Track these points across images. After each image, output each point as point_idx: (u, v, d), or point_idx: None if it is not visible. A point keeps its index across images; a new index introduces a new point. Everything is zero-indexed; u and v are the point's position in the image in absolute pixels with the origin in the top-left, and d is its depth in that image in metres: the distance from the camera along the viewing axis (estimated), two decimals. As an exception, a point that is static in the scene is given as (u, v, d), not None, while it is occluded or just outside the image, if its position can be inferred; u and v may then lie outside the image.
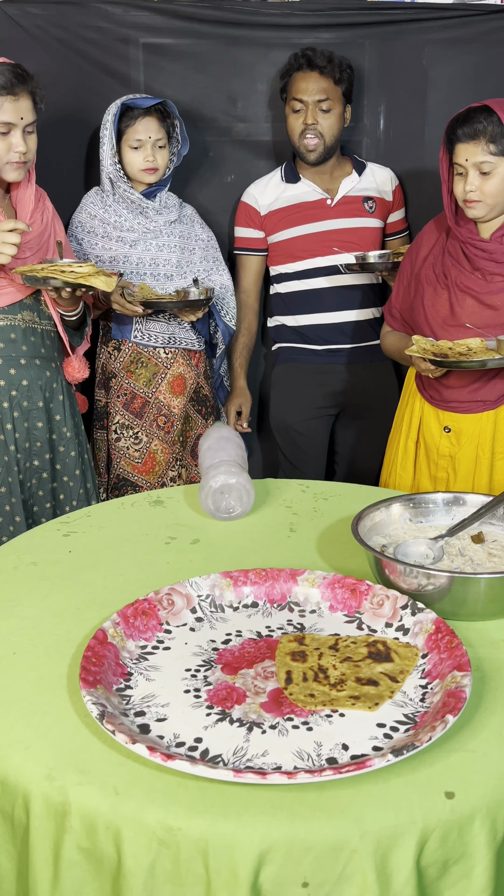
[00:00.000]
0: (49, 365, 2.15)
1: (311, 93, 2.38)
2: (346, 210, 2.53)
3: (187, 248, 2.46)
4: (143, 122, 2.29)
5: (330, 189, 2.53)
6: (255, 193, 2.56)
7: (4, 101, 1.91)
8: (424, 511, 1.52)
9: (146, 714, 1.05)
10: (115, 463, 2.46)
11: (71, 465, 2.23)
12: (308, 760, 0.97)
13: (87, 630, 1.24)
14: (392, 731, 1.02)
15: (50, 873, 0.94)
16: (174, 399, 2.45)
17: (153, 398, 2.44)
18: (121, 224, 2.39)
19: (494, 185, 1.85)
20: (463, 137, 1.83)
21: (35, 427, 2.13)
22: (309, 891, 0.89)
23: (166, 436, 2.46)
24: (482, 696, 1.08)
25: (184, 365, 2.47)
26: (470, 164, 1.84)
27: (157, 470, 2.47)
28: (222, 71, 2.56)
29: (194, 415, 2.54)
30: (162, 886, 0.90)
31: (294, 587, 1.33)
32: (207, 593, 1.31)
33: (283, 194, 2.53)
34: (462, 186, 1.87)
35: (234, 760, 0.96)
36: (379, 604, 1.27)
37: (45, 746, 1.00)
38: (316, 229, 2.52)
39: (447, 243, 2.02)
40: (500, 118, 1.80)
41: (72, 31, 2.48)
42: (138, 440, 2.45)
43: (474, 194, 1.86)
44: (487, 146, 1.81)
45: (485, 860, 0.92)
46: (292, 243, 2.54)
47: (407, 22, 2.50)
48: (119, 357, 2.44)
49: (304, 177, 2.52)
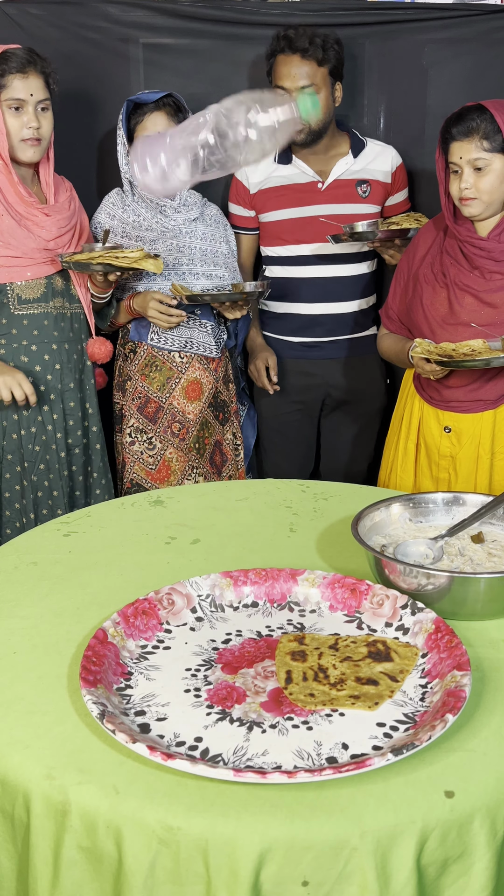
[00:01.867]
0: (76, 346, 2.23)
1: (294, 78, 2.30)
2: (337, 195, 2.46)
3: (209, 250, 2.41)
4: (151, 118, 2.26)
5: (322, 171, 2.46)
6: (246, 170, 2.49)
7: (14, 78, 1.99)
8: (424, 511, 1.52)
9: (146, 713, 1.05)
10: (129, 467, 2.43)
11: (94, 438, 2.31)
12: (308, 760, 0.97)
13: (87, 630, 1.24)
14: (392, 731, 1.02)
15: (50, 872, 0.94)
16: (189, 405, 2.41)
17: (167, 403, 2.40)
18: (139, 223, 2.36)
19: (490, 181, 1.86)
20: (457, 135, 1.85)
21: (68, 407, 2.22)
22: (309, 890, 0.89)
23: (181, 443, 2.42)
24: (482, 695, 1.08)
25: (200, 370, 2.42)
26: (465, 161, 1.85)
27: (171, 479, 2.43)
28: (222, 70, 2.56)
29: (212, 421, 2.48)
30: (162, 885, 0.90)
31: (294, 587, 1.33)
32: (207, 593, 1.31)
33: (274, 174, 2.48)
34: (458, 185, 1.88)
35: (234, 760, 0.97)
36: (379, 603, 1.27)
37: (46, 746, 1.00)
38: (304, 213, 2.47)
39: (445, 243, 2.03)
40: (493, 115, 1.82)
41: (72, 31, 2.48)
42: (152, 446, 2.42)
43: (470, 192, 1.86)
44: (481, 143, 1.83)
45: (484, 859, 0.93)
46: (279, 225, 2.50)
47: (407, 22, 2.50)
48: (134, 360, 2.41)
49: (297, 156, 2.46)
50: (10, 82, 1.99)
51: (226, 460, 2.56)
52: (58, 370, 2.19)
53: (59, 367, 2.19)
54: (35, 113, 2.02)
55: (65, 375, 2.20)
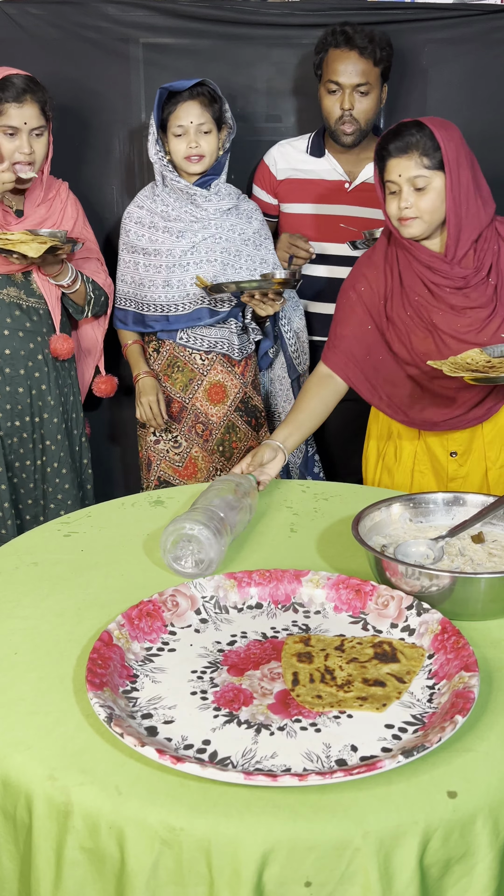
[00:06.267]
0: (34, 337, 2.27)
1: (350, 75, 2.26)
2: (363, 197, 2.43)
3: (238, 242, 2.32)
4: (183, 107, 2.19)
5: (352, 172, 2.44)
6: (276, 155, 2.47)
7: (10, 107, 2.08)
8: (424, 511, 1.52)
9: (153, 716, 1.05)
10: (156, 465, 2.41)
11: (53, 431, 2.34)
12: (317, 762, 0.97)
13: (88, 630, 1.24)
14: (401, 732, 1.02)
15: (52, 873, 0.94)
16: (212, 407, 2.37)
17: (190, 404, 2.37)
18: (167, 213, 2.29)
19: (431, 200, 1.74)
20: (395, 152, 1.74)
21: (16, 392, 2.26)
22: (312, 890, 0.89)
23: (205, 444, 2.39)
24: (486, 696, 1.08)
25: (223, 373, 2.37)
26: (403, 179, 1.74)
27: (199, 476, 2.40)
28: (222, 70, 2.55)
29: (243, 426, 2.42)
30: (165, 886, 0.90)
31: (298, 588, 1.33)
32: (212, 594, 1.31)
33: (304, 166, 2.44)
34: (396, 204, 1.76)
35: (243, 762, 0.96)
36: (384, 604, 1.27)
37: (47, 747, 1.00)
38: (328, 211, 2.44)
39: (403, 278, 1.87)
40: (432, 132, 1.72)
41: (72, 31, 2.48)
42: (178, 444, 2.39)
43: (410, 211, 1.75)
44: (421, 160, 1.72)
45: (487, 859, 0.93)
46: (301, 219, 2.46)
47: (407, 22, 2.50)
48: (158, 359, 2.39)
49: (330, 153, 2.43)
50: (7, 110, 2.07)
51: None
52: (7, 355, 2.23)
53: (10, 353, 2.23)
54: (28, 139, 2.11)
55: (15, 361, 2.24)
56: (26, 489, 2.35)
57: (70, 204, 2.32)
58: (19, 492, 2.34)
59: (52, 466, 2.36)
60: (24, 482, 2.34)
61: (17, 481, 2.33)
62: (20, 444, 2.30)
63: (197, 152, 2.22)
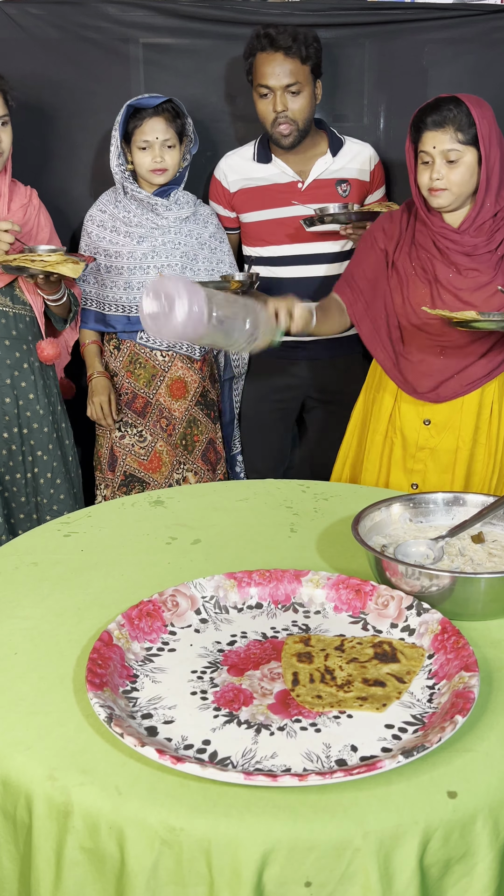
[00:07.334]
0: (20, 346, 2.24)
1: (279, 77, 2.27)
2: (318, 195, 2.44)
3: (195, 246, 2.42)
4: (150, 123, 2.27)
5: (302, 171, 2.45)
6: (225, 169, 2.49)
7: None
8: (424, 511, 1.52)
9: (153, 716, 1.05)
10: (122, 460, 2.46)
11: (44, 440, 2.31)
12: (317, 762, 0.97)
13: (89, 630, 1.24)
14: (401, 732, 1.02)
15: (52, 873, 0.94)
16: (174, 402, 2.44)
17: (154, 399, 2.44)
18: (129, 219, 2.38)
19: (461, 174, 1.85)
20: (431, 125, 1.84)
21: (3, 402, 2.23)
22: (312, 890, 0.89)
23: (169, 438, 2.46)
24: (486, 696, 1.08)
25: (183, 369, 2.44)
26: (437, 151, 1.84)
27: (163, 470, 2.47)
28: (222, 70, 2.56)
29: (203, 418, 2.50)
30: (165, 886, 0.90)
31: (298, 588, 1.33)
32: (212, 594, 1.31)
33: (254, 174, 2.46)
34: (428, 175, 1.87)
35: (243, 762, 0.96)
36: (384, 604, 1.27)
37: (47, 747, 1.00)
38: (285, 214, 2.45)
39: (416, 234, 2.00)
40: (468, 108, 1.82)
41: (72, 31, 2.48)
42: (143, 438, 2.45)
43: (441, 182, 1.85)
44: (455, 134, 1.82)
45: (487, 859, 0.93)
46: (261, 226, 2.48)
47: (407, 22, 2.50)
48: (118, 356, 2.44)
49: (277, 156, 2.45)
50: None
51: (220, 458, 2.59)
52: None
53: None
54: None
55: (1, 371, 2.21)
56: (17, 503, 2.31)
57: (42, 212, 2.31)
58: (10, 506, 2.30)
59: (46, 477, 2.32)
60: (15, 496, 2.30)
61: (8, 495, 2.29)
62: (9, 456, 2.26)
63: (161, 166, 2.31)
